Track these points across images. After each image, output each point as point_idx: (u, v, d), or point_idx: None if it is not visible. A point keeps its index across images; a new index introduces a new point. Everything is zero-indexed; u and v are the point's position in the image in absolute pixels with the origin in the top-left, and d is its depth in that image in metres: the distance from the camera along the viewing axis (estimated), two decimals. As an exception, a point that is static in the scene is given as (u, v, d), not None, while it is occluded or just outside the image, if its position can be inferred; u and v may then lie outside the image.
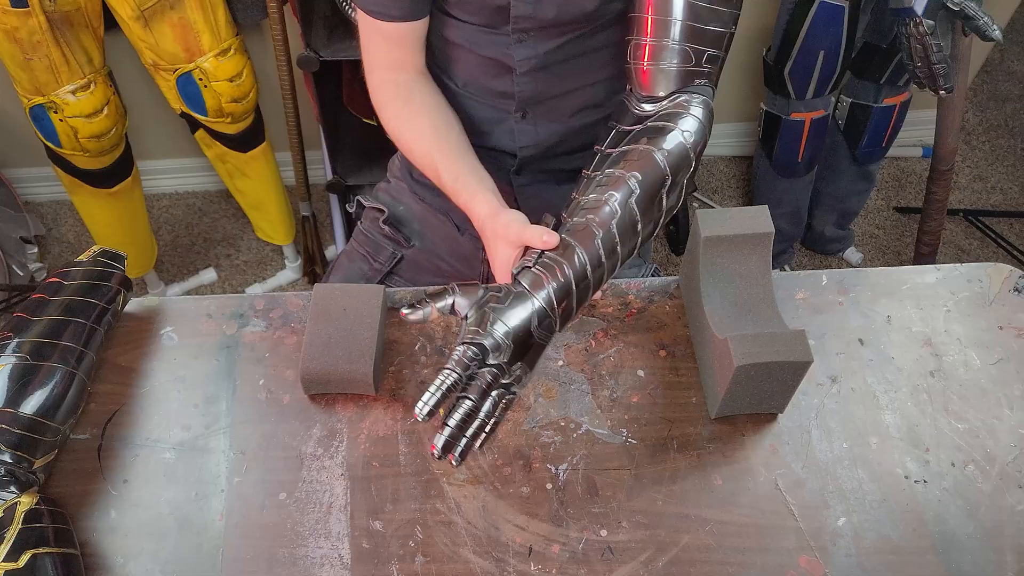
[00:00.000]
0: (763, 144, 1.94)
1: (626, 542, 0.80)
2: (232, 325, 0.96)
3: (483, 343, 0.74)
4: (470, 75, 1.02)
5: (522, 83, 0.99)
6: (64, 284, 0.90)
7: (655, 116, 0.87)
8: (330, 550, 0.80)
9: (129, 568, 0.79)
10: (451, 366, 0.74)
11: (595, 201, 0.81)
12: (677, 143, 0.83)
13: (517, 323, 0.76)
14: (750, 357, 0.79)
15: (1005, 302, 0.98)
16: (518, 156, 1.08)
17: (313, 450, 0.86)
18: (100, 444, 0.87)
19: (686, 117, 0.85)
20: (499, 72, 0.99)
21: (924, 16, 1.43)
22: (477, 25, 0.95)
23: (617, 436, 0.87)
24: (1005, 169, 2.39)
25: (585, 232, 0.79)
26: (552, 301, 0.77)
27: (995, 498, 0.83)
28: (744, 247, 0.88)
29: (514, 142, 1.06)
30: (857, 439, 0.87)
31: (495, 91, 1.02)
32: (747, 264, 0.89)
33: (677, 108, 0.86)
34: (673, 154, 0.83)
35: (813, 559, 0.79)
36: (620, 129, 0.89)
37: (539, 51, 0.95)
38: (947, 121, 1.72)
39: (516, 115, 1.03)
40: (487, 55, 0.97)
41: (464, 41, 0.98)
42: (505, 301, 0.77)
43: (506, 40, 0.94)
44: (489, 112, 1.05)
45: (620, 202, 0.80)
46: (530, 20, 0.91)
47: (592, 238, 0.79)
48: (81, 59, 1.54)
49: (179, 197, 2.30)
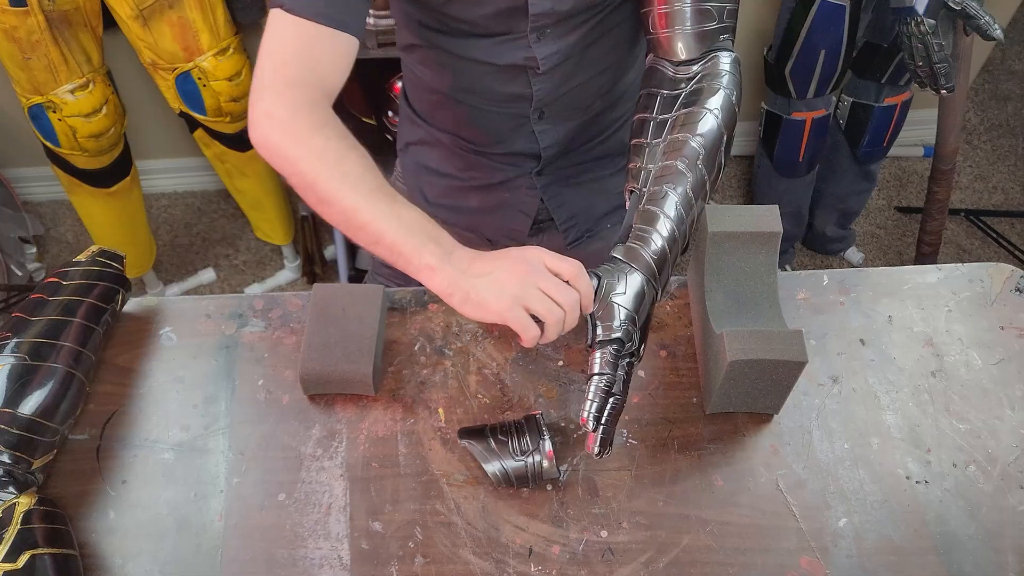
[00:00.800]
0: (764, 144, 1.94)
1: (626, 543, 0.80)
2: (231, 325, 0.96)
3: (619, 337, 0.77)
4: (486, 87, 1.00)
5: (540, 83, 0.98)
6: (63, 284, 0.90)
7: (696, 78, 0.89)
8: (329, 551, 0.80)
9: (128, 569, 0.79)
10: (601, 370, 0.76)
11: (666, 168, 0.84)
12: (725, 100, 0.86)
13: (637, 304, 0.79)
14: (743, 353, 0.79)
15: (1006, 302, 0.97)
16: (542, 157, 1.07)
17: (312, 451, 0.86)
18: (99, 445, 0.86)
19: (723, 75, 0.88)
20: (515, 76, 0.98)
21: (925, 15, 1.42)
22: (494, 36, 0.93)
23: (617, 437, 0.87)
24: (1006, 169, 2.38)
25: (666, 199, 0.82)
26: (654, 271, 0.80)
27: (996, 499, 0.83)
28: (751, 245, 0.88)
29: (536, 144, 1.06)
30: (858, 439, 0.87)
31: (511, 96, 1.00)
32: (753, 262, 0.88)
33: (713, 68, 0.88)
34: (724, 111, 0.86)
35: (814, 560, 0.79)
36: (666, 95, 0.90)
37: (560, 46, 0.94)
38: (948, 121, 1.72)
39: (533, 117, 1.02)
40: (505, 63, 0.95)
41: (481, 55, 0.95)
42: (619, 286, 0.79)
43: (524, 43, 0.93)
44: (506, 120, 1.03)
45: (689, 165, 0.83)
46: (549, 16, 0.90)
47: (673, 203, 0.82)
48: (80, 58, 1.54)
49: (178, 197, 2.29)
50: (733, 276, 0.88)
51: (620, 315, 0.78)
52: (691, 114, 0.86)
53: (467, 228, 1.16)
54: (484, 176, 1.10)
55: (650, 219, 0.82)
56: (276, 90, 0.81)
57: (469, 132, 1.06)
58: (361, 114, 1.84)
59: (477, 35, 0.93)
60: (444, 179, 1.14)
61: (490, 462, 0.81)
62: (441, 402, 0.90)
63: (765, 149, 1.94)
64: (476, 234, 1.17)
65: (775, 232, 0.87)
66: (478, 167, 1.10)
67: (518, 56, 0.94)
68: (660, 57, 0.92)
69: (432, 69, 1.01)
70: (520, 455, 0.81)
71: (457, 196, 1.15)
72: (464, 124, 1.06)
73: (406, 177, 1.20)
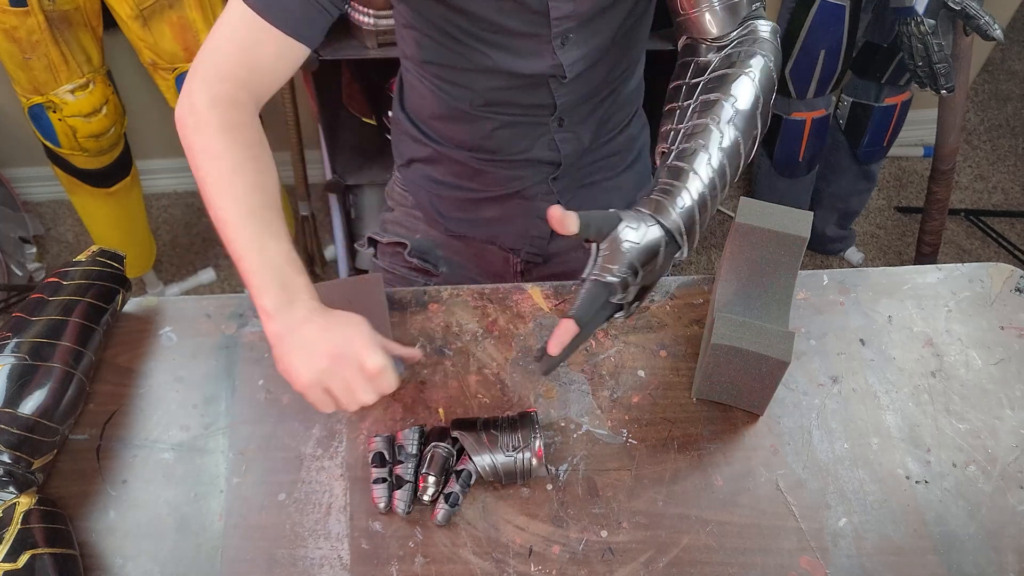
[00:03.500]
0: (764, 143, 1.94)
1: (626, 543, 0.80)
2: (231, 325, 0.96)
3: (612, 282, 0.74)
4: (508, 100, 0.97)
5: (563, 91, 0.95)
6: (63, 284, 0.90)
7: (733, 43, 0.87)
8: (329, 551, 0.80)
9: (128, 569, 0.79)
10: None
11: (696, 127, 0.81)
12: (763, 64, 0.85)
13: (645, 258, 0.75)
14: (728, 339, 0.79)
15: (1006, 302, 0.97)
16: (562, 164, 1.05)
17: (312, 451, 0.86)
18: (99, 444, 0.86)
19: (761, 42, 0.86)
20: (538, 86, 0.95)
21: (925, 15, 1.43)
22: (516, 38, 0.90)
23: (617, 436, 0.87)
24: (1006, 169, 2.38)
25: (695, 155, 0.80)
26: (679, 227, 0.77)
27: (996, 499, 0.83)
28: (775, 245, 0.85)
29: (556, 151, 1.03)
30: (858, 439, 0.87)
31: (533, 107, 0.98)
32: (774, 262, 0.86)
33: (751, 35, 0.87)
34: (763, 73, 0.84)
35: (814, 560, 0.79)
36: (701, 62, 0.88)
37: (586, 51, 0.92)
38: (948, 121, 1.72)
39: (553, 125, 1.00)
40: (530, 72, 0.93)
41: (505, 64, 0.92)
42: (634, 235, 0.75)
43: (548, 49, 0.90)
44: (527, 130, 1.01)
45: (719, 124, 0.81)
46: (571, 19, 0.87)
47: (704, 160, 0.79)
48: (80, 58, 1.54)
49: (178, 197, 2.29)
50: (750, 271, 0.87)
51: (623, 261, 0.74)
52: (726, 76, 0.84)
53: (485, 240, 1.14)
54: (500, 187, 1.08)
55: (677, 174, 0.79)
56: (206, 79, 0.80)
57: (488, 145, 1.03)
58: (361, 114, 1.84)
59: (502, 46, 0.90)
60: (457, 192, 1.11)
61: (479, 455, 0.81)
62: (441, 402, 0.90)
63: (765, 149, 1.94)
64: (496, 245, 1.14)
65: (802, 237, 0.84)
66: (494, 178, 1.07)
67: (543, 65, 0.92)
68: (694, 37, 0.90)
69: (451, 86, 0.98)
70: (510, 451, 0.81)
71: (472, 209, 1.12)
72: (483, 138, 1.02)
73: (411, 189, 1.17)
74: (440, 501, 0.80)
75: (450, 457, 0.81)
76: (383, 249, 1.18)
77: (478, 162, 1.05)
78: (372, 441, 0.84)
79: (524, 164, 1.05)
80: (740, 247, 0.87)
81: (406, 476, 0.81)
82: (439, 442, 0.82)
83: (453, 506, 0.80)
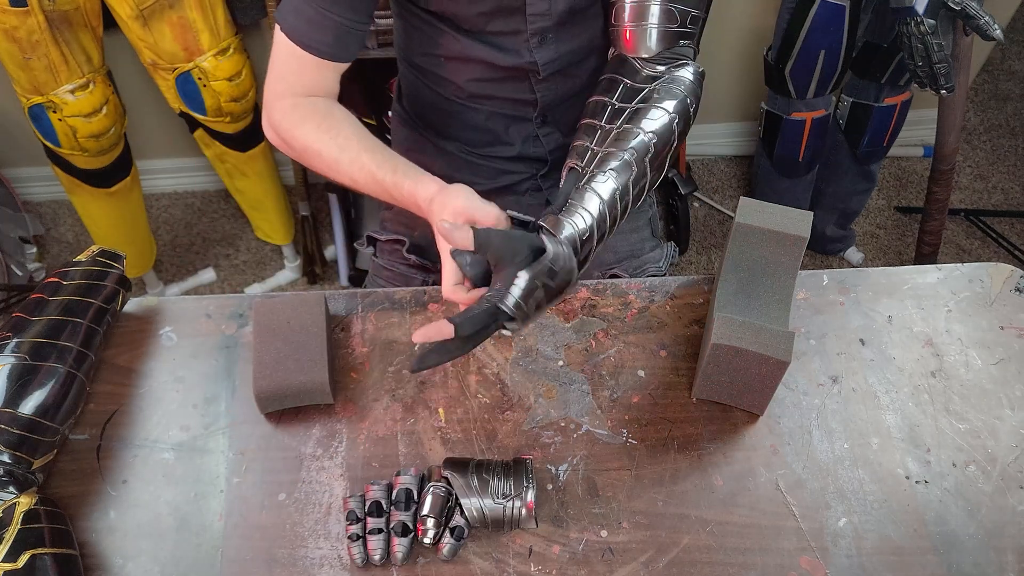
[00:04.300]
0: (764, 143, 1.94)
1: (626, 543, 0.80)
2: (231, 325, 0.96)
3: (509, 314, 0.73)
4: (492, 91, 1.01)
5: (543, 89, 0.99)
6: (63, 284, 0.90)
7: (661, 78, 0.90)
8: (329, 551, 0.80)
9: (128, 569, 0.79)
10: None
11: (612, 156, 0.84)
12: (683, 107, 0.88)
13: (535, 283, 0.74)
14: (728, 339, 0.79)
15: (1006, 302, 0.97)
16: (549, 161, 1.08)
17: (312, 450, 0.86)
18: (99, 444, 0.87)
19: (687, 83, 0.90)
20: (519, 80, 0.99)
21: (925, 15, 1.42)
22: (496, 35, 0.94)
23: (617, 436, 0.87)
24: (1006, 169, 2.38)
25: (606, 184, 0.82)
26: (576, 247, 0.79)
27: (996, 498, 0.83)
28: (775, 245, 0.86)
29: (542, 148, 1.07)
30: (858, 439, 0.87)
31: (517, 101, 1.02)
32: (774, 262, 0.87)
33: (678, 74, 0.90)
34: (681, 117, 0.88)
35: (814, 560, 0.79)
36: (629, 85, 0.90)
37: (560, 52, 0.96)
38: (948, 121, 1.72)
39: (536, 122, 1.03)
40: (509, 64, 0.97)
41: (486, 55, 0.96)
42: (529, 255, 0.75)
43: (526, 46, 0.95)
44: (513, 125, 1.05)
45: (636, 159, 0.84)
46: (546, 17, 0.92)
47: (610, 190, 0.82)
48: (80, 58, 1.54)
49: (178, 197, 2.29)
50: (750, 270, 0.88)
51: (515, 294, 0.73)
52: (649, 110, 0.87)
53: None
54: (490, 181, 1.11)
55: (584, 199, 0.81)
56: (271, 105, 0.93)
57: (476, 138, 1.08)
58: (361, 114, 1.84)
59: (481, 37, 0.94)
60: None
61: (468, 497, 0.78)
62: (441, 402, 0.90)
63: (765, 149, 1.94)
64: None
65: (802, 237, 0.85)
66: (485, 172, 1.11)
67: (521, 59, 0.96)
68: (621, 52, 0.92)
69: (436, 76, 1.02)
70: (500, 498, 0.78)
71: None
72: (471, 130, 1.06)
73: None
74: (446, 535, 0.78)
75: (448, 496, 0.79)
76: (382, 247, 1.19)
77: (468, 154, 1.10)
78: (369, 488, 0.81)
79: (513, 160, 1.08)
80: (740, 247, 0.87)
81: (408, 523, 0.79)
82: (436, 482, 0.80)
83: (459, 540, 0.78)
